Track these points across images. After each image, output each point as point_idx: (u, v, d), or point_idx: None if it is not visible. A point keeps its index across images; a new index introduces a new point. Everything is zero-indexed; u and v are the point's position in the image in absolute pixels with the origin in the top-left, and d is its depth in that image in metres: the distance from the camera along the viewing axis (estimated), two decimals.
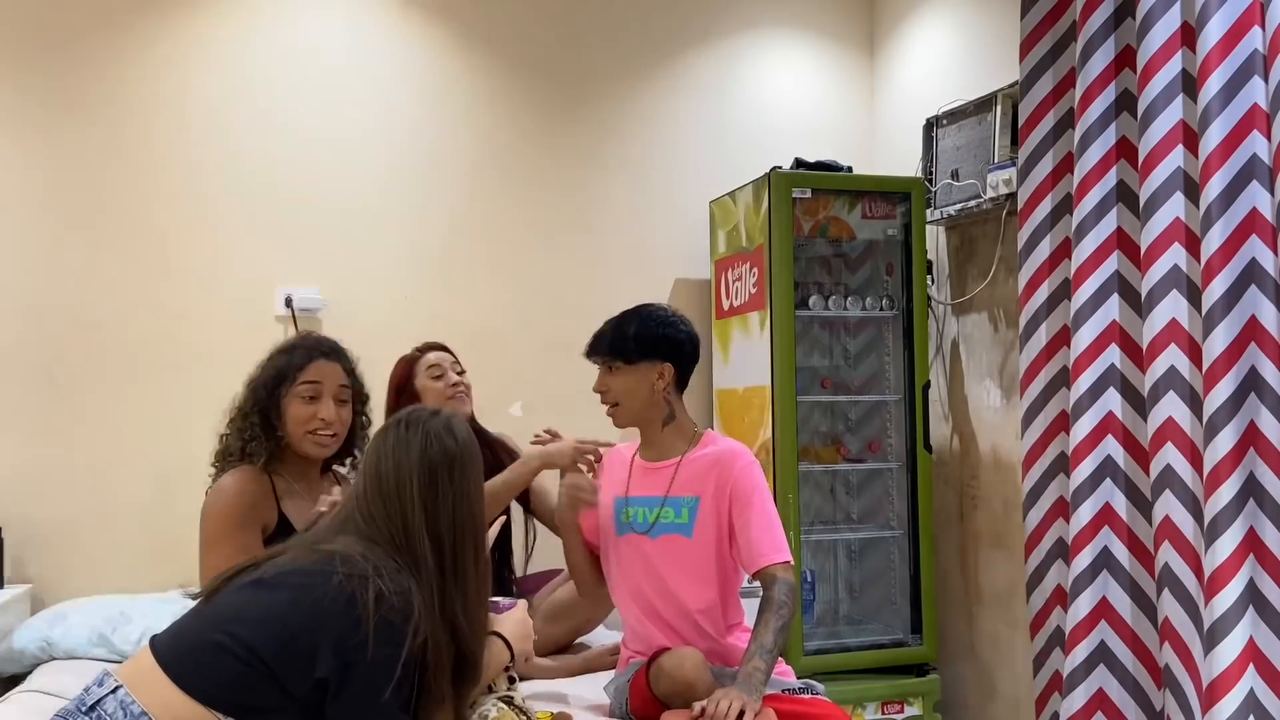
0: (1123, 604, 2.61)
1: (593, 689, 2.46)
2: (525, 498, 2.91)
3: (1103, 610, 2.63)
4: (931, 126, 3.44)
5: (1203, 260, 2.31)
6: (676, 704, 2.14)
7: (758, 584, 2.24)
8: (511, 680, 1.98)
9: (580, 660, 2.72)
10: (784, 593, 2.15)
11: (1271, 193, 2.25)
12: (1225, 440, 2.25)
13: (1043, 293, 2.86)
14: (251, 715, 1.58)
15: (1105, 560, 2.63)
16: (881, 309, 3.42)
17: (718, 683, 2.21)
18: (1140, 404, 2.56)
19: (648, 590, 2.32)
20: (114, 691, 1.57)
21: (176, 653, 1.61)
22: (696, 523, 2.27)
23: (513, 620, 1.98)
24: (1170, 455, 2.42)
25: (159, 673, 1.58)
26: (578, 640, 2.84)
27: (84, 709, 1.57)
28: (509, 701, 1.89)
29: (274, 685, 1.57)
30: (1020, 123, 2.92)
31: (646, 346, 2.28)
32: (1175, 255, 2.43)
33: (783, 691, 2.23)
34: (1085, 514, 2.64)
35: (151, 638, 1.68)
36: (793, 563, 2.25)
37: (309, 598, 1.59)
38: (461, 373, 2.89)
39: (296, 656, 1.57)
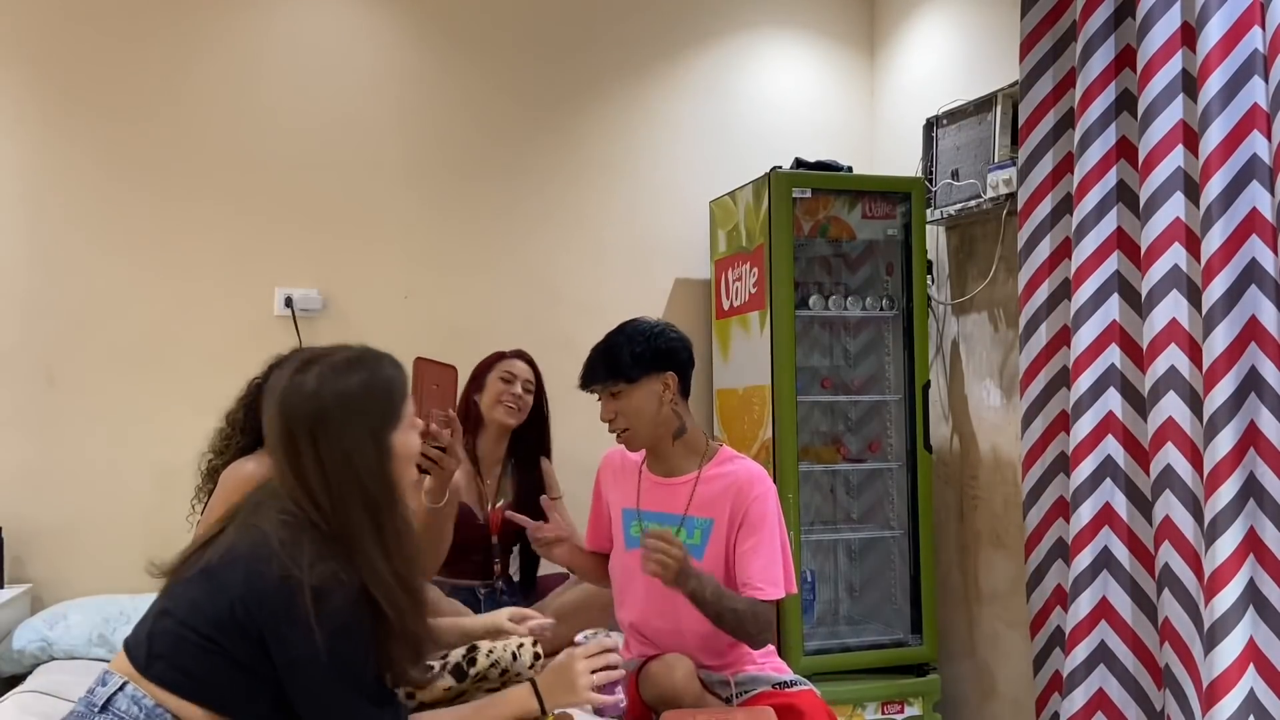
0: (1123, 604, 2.61)
1: None
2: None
3: (1103, 610, 2.63)
4: (931, 126, 3.44)
5: (1203, 260, 2.31)
6: (663, 711, 2.13)
7: None
8: (537, 656, 1.95)
9: None
10: (759, 608, 2.13)
11: (1271, 193, 2.25)
12: (1225, 440, 2.25)
13: (1043, 293, 2.86)
14: (226, 705, 1.55)
15: (1105, 560, 2.63)
16: (881, 309, 3.42)
17: (710, 690, 2.21)
18: (1140, 404, 2.56)
19: (651, 606, 2.30)
20: (122, 688, 1.55)
21: (147, 652, 1.58)
22: (708, 547, 2.24)
23: (562, 672, 1.78)
24: (1170, 455, 2.41)
25: (140, 676, 1.56)
26: None
27: (96, 710, 1.54)
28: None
29: (239, 669, 1.54)
30: (1020, 123, 2.92)
31: (645, 361, 2.22)
32: (1175, 255, 2.43)
33: (773, 686, 2.24)
34: (1085, 514, 2.64)
35: (125, 640, 1.64)
36: (779, 598, 2.19)
37: (253, 588, 1.53)
38: (530, 392, 2.95)
39: (251, 643, 1.53)
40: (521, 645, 1.92)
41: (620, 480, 2.40)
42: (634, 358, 2.21)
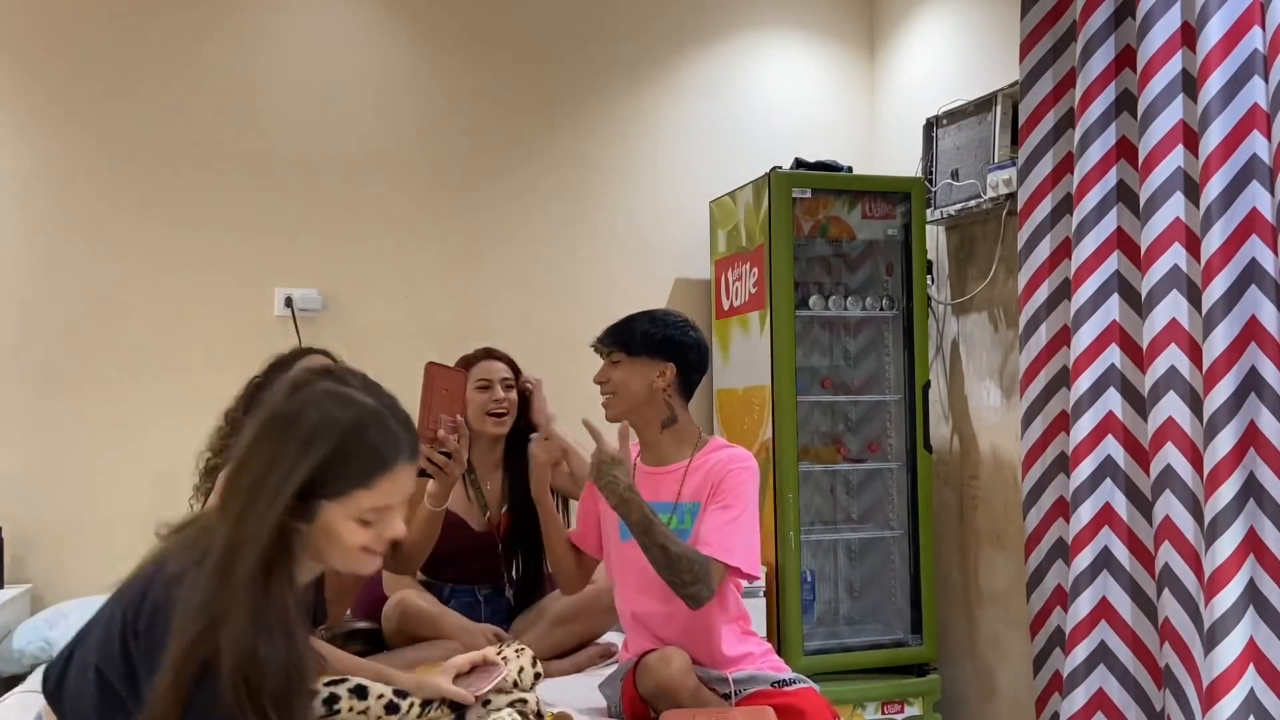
0: (1123, 604, 2.61)
1: (590, 688, 2.46)
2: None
3: (1103, 610, 2.63)
4: (931, 126, 3.44)
5: (1203, 260, 2.31)
6: (660, 704, 2.13)
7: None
8: (538, 676, 1.95)
9: (569, 662, 2.71)
10: (699, 558, 2.08)
11: (1271, 193, 2.25)
12: (1225, 440, 2.25)
13: (1043, 293, 2.86)
14: None
15: (1105, 560, 2.63)
16: (881, 309, 3.42)
17: (705, 685, 2.22)
18: (1140, 404, 2.56)
19: (649, 595, 2.30)
20: None
21: (51, 690, 1.43)
22: (695, 529, 2.25)
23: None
24: (1170, 455, 2.42)
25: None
26: (594, 644, 2.83)
27: None
28: (522, 713, 1.87)
29: (122, 707, 1.36)
30: (1020, 123, 2.92)
31: (650, 342, 2.25)
32: (1175, 255, 2.43)
33: (772, 685, 2.24)
34: (1085, 514, 2.64)
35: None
36: (727, 569, 2.15)
37: (135, 613, 1.35)
38: (511, 388, 2.78)
39: (130, 680, 1.35)
40: (522, 669, 1.93)
41: None
42: (643, 336, 2.25)
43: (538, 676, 1.96)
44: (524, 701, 1.89)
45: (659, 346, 2.26)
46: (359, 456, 1.38)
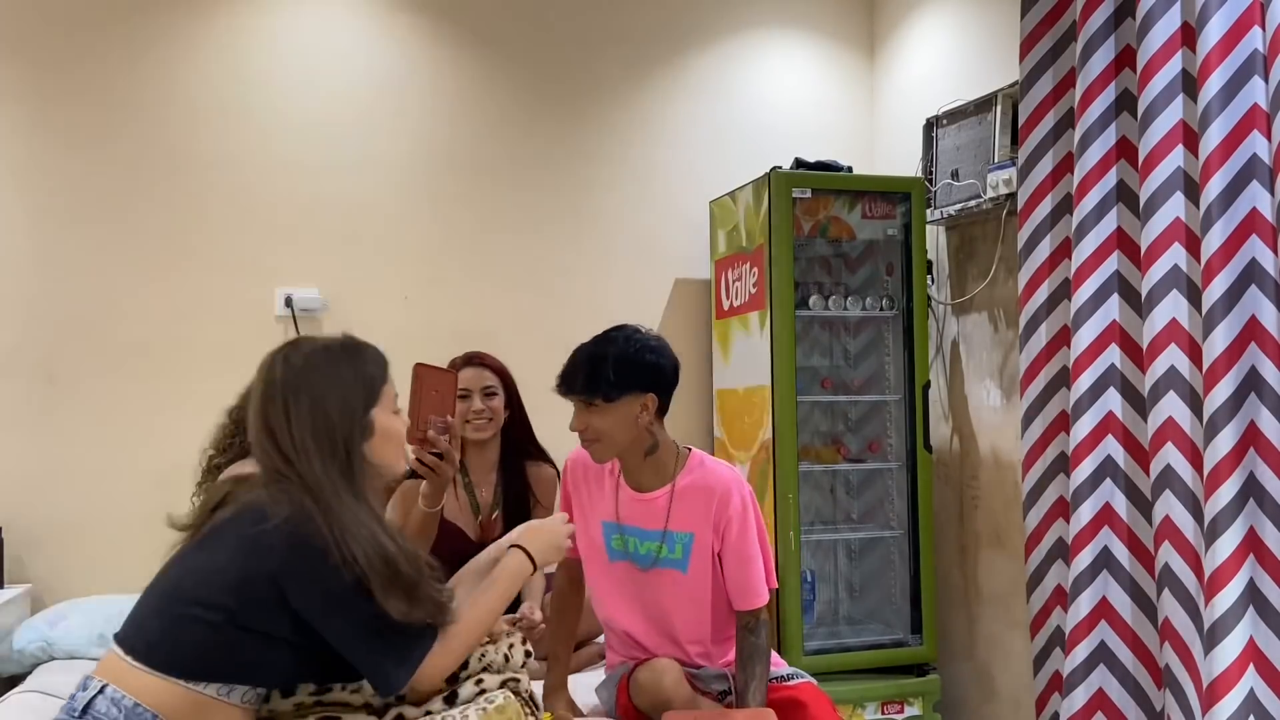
0: (1123, 604, 2.61)
1: (587, 689, 2.46)
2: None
3: (1103, 610, 2.63)
4: (931, 126, 3.44)
5: (1203, 260, 2.31)
6: (656, 716, 2.15)
7: None
8: (528, 654, 1.96)
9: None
10: (764, 636, 2.25)
11: (1271, 193, 2.25)
12: (1225, 440, 2.25)
13: (1043, 293, 2.86)
14: (243, 674, 1.62)
15: (1105, 560, 2.63)
16: (881, 309, 3.42)
17: (703, 690, 2.23)
18: (1140, 404, 2.56)
19: (640, 614, 2.30)
20: (101, 691, 1.57)
21: (147, 640, 1.62)
22: (691, 559, 2.24)
23: (542, 531, 1.98)
24: (1170, 455, 2.41)
25: (135, 665, 1.59)
26: (591, 644, 2.84)
27: (75, 715, 1.56)
28: (515, 691, 1.87)
29: (253, 636, 1.61)
30: (1020, 123, 2.92)
31: (627, 379, 2.13)
32: (1175, 255, 2.43)
33: (772, 680, 2.26)
34: (1085, 514, 2.64)
35: (115, 635, 1.68)
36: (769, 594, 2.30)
37: (257, 543, 1.61)
38: (493, 395, 2.80)
39: (263, 600, 1.60)
40: (512, 645, 1.94)
41: (595, 489, 2.34)
42: (617, 376, 2.12)
43: (528, 655, 1.95)
44: (516, 680, 1.88)
45: (637, 380, 2.15)
46: (370, 368, 1.79)
